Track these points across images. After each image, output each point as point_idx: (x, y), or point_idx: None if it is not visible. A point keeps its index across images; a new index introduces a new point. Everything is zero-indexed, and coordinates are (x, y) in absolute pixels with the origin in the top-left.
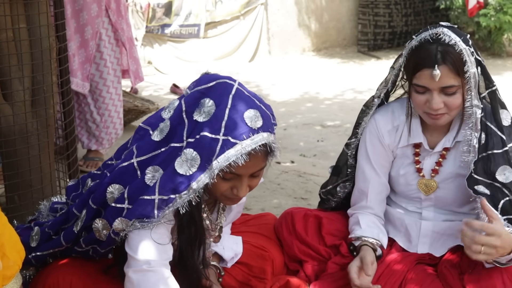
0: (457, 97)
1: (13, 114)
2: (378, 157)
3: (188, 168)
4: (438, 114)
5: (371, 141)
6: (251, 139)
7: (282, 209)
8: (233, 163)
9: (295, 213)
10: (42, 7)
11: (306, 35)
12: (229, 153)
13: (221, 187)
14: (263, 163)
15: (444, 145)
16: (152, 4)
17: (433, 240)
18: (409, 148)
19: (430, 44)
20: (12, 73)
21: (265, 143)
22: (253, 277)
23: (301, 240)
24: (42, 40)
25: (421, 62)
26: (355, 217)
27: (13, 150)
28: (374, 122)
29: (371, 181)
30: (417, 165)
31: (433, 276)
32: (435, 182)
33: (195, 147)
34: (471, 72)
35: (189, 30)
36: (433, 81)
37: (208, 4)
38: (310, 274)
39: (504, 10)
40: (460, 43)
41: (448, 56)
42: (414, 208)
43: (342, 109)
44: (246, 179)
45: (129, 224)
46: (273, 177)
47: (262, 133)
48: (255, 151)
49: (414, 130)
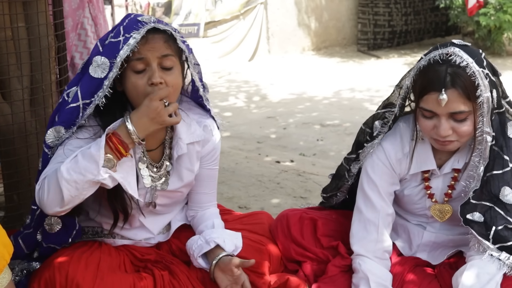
0: (467, 124)
1: (12, 113)
2: (387, 186)
3: (102, 71)
4: (447, 141)
5: (379, 171)
6: (143, 28)
7: (281, 208)
8: (135, 49)
9: (290, 216)
10: (41, 6)
11: (305, 34)
12: (129, 43)
13: (135, 80)
14: (166, 49)
15: (452, 165)
16: (152, 4)
17: (432, 249)
18: (417, 174)
19: (439, 65)
20: (11, 72)
21: (161, 29)
22: (251, 271)
23: (297, 244)
24: (41, 39)
25: (429, 85)
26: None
27: (12, 149)
28: (383, 151)
29: (382, 210)
30: (427, 191)
31: (432, 276)
32: (449, 207)
33: (102, 54)
34: (484, 97)
35: (189, 30)
36: (440, 106)
37: (207, 3)
38: (309, 274)
39: (504, 9)
40: (473, 65)
41: (458, 80)
42: (420, 222)
43: (341, 108)
44: (156, 66)
45: (60, 132)
46: (272, 176)
47: (155, 24)
48: (152, 36)
49: (425, 156)
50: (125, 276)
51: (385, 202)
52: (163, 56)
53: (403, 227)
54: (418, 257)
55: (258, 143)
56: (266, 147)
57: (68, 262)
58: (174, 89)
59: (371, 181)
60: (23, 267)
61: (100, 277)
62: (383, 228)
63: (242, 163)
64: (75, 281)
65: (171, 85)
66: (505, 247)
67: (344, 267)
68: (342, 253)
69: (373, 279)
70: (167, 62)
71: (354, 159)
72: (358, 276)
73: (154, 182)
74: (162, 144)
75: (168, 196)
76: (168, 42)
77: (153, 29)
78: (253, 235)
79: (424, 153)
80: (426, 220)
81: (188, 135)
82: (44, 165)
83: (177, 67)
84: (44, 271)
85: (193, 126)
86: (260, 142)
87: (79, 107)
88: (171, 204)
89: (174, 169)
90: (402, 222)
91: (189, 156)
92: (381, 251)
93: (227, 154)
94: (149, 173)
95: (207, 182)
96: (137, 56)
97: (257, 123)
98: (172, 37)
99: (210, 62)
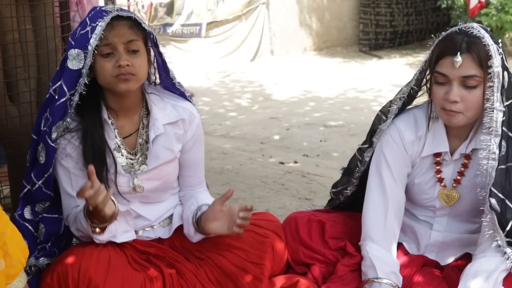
0: (476, 94)
1: (19, 116)
2: (400, 167)
3: (78, 62)
4: (453, 111)
5: (393, 151)
6: (108, 16)
7: (286, 209)
8: (102, 36)
9: (298, 218)
10: (48, 9)
11: (307, 34)
12: (96, 32)
13: (103, 63)
14: (131, 35)
15: (461, 151)
16: (154, 4)
17: (441, 250)
18: (429, 157)
19: (456, 35)
20: (18, 74)
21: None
22: (249, 262)
23: (306, 246)
24: (48, 41)
25: (445, 49)
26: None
27: (19, 151)
28: (396, 130)
29: (392, 194)
30: (438, 175)
31: (440, 278)
32: (457, 193)
33: (75, 46)
34: (495, 69)
35: (191, 30)
36: (454, 69)
37: (209, 3)
38: (318, 276)
39: (506, 9)
40: (489, 39)
41: (474, 46)
42: (426, 217)
43: (344, 109)
44: (123, 50)
45: (60, 127)
46: (277, 178)
47: (119, 12)
48: (117, 23)
49: (439, 137)
50: (135, 273)
51: (396, 183)
52: (129, 42)
53: (410, 228)
54: (425, 255)
55: (262, 144)
56: (270, 148)
57: (81, 258)
58: (141, 70)
59: (383, 159)
60: (31, 264)
61: (112, 272)
62: (392, 209)
63: (246, 164)
64: (87, 275)
65: (136, 66)
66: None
67: (353, 266)
68: (351, 252)
69: (380, 266)
70: (133, 46)
71: (368, 147)
72: (366, 264)
73: (133, 167)
74: (137, 130)
75: (152, 178)
76: (133, 28)
77: (118, 17)
78: (258, 229)
79: (438, 135)
80: (433, 215)
81: (163, 116)
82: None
83: (143, 51)
84: (57, 266)
85: (168, 108)
86: (264, 143)
87: (67, 100)
88: (160, 189)
89: (151, 150)
90: (409, 222)
91: (167, 136)
92: (388, 234)
93: (231, 155)
94: (126, 160)
95: (194, 165)
96: (105, 42)
97: (260, 124)
98: (137, 22)
99: (211, 62)
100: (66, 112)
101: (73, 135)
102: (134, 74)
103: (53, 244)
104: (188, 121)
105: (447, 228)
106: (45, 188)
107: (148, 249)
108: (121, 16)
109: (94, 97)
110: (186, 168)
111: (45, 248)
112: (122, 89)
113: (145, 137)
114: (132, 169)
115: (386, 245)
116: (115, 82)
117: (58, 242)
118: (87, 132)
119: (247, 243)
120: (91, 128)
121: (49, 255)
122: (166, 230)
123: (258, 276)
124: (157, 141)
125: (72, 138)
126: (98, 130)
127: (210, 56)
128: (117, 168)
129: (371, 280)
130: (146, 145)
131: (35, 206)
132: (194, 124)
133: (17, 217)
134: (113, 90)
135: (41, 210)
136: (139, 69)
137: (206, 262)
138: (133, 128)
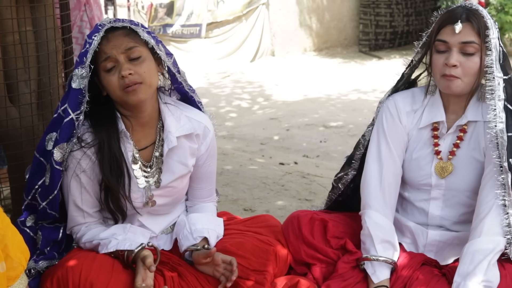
0: (474, 60)
1: (20, 117)
2: (396, 137)
3: (80, 81)
4: (452, 76)
5: (388, 120)
6: (102, 29)
7: (286, 210)
8: (98, 50)
9: (301, 217)
10: (49, 10)
11: (307, 35)
12: (93, 45)
13: (108, 79)
14: (128, 42)
15: (457, 123)
16: (154, 4)
17: (439, 249)
18: (426, 129)
19: (457, 8)
20: (19, 76)
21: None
22: (252, 271)
23: (308, 244)
24: (48, 43)
25: (446, 19)
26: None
27: (20, 152)
28: (393, 101)
29: (387, 161)
30: (435, 147)
31: (439, 276)
32: (451, 165)
33: (77, 65)
34: (493, 40)
35: (191, 30)
36: (454, 35)
37: (210, 4)
38: (318, 277)
39: (506, 10)
40: (487, 14)
41: (473, 16)
42: (422, 201)
43: (344, 110)
44: (124, 60)
45: (64, 148)
46: (277, 178)
47: (113, 23)
48: (112, 34)
49: (435, 109)
50: None
51: (391, 152)
52: (128, 50)
53: (407, 228)
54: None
55: (262, 144)
56: (270, 148)
57: (82, 262)
58: (147, 76)
59: (381, 129)
60: (30, 267)
61: (115, 276)
62: (387, 176)
63: (246, 165)
64: (88, 279)
65: (141, 73)
66: None
67: (353, 262)
68: (351, 249)
69: (377, 235)
70: (133, 53)
71: (370, 125)
72: (364, 234)
73: (148, 181)
74: (153, 143)
75: (165, 194)
76: (129, 36)
77: (113, 28)
78: (260, 236)
79: (435, 106)
80: (427, 197)
81: (177, 128)
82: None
83: (147, 56)
84: (57, 270)
85: (183, 120)
86: (264, 144)
87: (73, 119)
88: (170, 204)
89: (165, 163)
90: (406, 222)
91: (181, 149)
92: (384, 200)
93: (231, 156)
94: (142, 173)
95: (205, 178)
96: (104, 56)
97: (260, 125)
98: (133, 30)
99: (212, 63)
100: (72, 133)
101: (89, 149)
102: (141, 82)
103: (52, 248)
104: (203, 135)
105: (442, 213)
106: (49, 209)
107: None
108: (116, 27)
109: (110, 110)
110: (197, 181)
111: (44, 253)
112: (134, 101)
113: (160, 151)
114: (146, 183)
115: (382, 210)
116: (125, 95)
117: (57, 247)
118: (103, 145)
119: (250, 251)
120: (107, 140)
121: (49, 258)
122: (168, 239)
123: (260, 280)
124: (171, 155)
125: (88, 152)
126: (115, 142)
127: (210, 57)
128: (133, 181)
129: (369, 258)
130: (161, 158)
131: (38, 219)
132: (208, 139)
133: (19, 222)
134: (126, 104)
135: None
136: (145, 75)
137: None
138: (149, 141)
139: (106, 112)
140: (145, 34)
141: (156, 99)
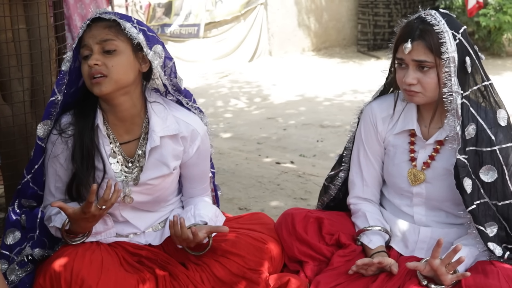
0: (431, 77)
1: (13, 115)
2: (372, 144)
3: (66, 64)
4: (413, 91)
5: (365, 127)
6: (90, 19)
7: (281, 209)
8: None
9: (295, 214)
10: (42, 8)
11: (305, 35)
12: (80, 32)
13: (83, 65)
14: (106, 34)
15: (437, 137)
16: (152, 4)
17: (431, 246)
18: (404, 136)
19: (413, 22)
20: (12, 74)
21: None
22: (248, 269)
23: (301, 241)
24: (41, 41)
25: (401, 36)
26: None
27: (13, 150)
28: (370, 108)
29: (366, 167)
30: (411, 154)
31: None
32: (423, 175)
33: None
34: (450, 55)
35: (189, 30)
36: (407, 53)
37: (208, 4)
38: (310, 275)
39: (504, 10)
40: (444, 26)
41: (425, 34)
42: (406, 207)
43: (341, 110)
44: (97, 50)
45: (48, 125)
46: (272, 178)
47: (100, 14)
48: (94, 25)
49: (409, 117)
50: (128, 274)
51: (367, 156)
52: (103, 41)
53: (397, 226)
54: (416, 256)
55: (258, 144)
56: (266, 148)
57: (73, 258)
58: (115, 71)
59: (359, 134)
60: (27, 253)
61: (105, 273)
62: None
63: (242, 164)
64: (80, 276)
65: (109, 66)
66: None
67: (348, 255)
68: (345, 242)
69: (370, 213)
70: (108, 45)
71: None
72: (357, 215)
73: (126, 176)
74: (137, 139)
75: (144, 192)
76: (110, 28)
77: (98, 19)
78: (254, 233)
79: (409, 114)
80: (410, 203)
81: (162, 128)
82: (35, 156)
83: (125, 52)
84: (49, 266)
85: (169, 120)
86: (260, 143)
87: (55, 100)
88: (151, 202)
89: (147, 161)
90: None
91: (164, 149)
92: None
93: (227, 155)
94: (120, 168)
95: (198, 178)
96: (82, 43)
97: (257, 124)
98: (118, 24)
99: (210, 63)
100: (51, 112)
101: (66, 137)
102: (106, 75)
103: (41, 232)
104: (190, 138)
105: (427, 217)
106: (32, 183)
107: (140, 251)
108: (102, 18)
109: (93, 102)
110: (190, 181)
111: (33, 238)
112: (97, 93)
113: (143, 149)
114: (125, 178)
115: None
116: (90, 85)
117: (44, 232)
118: (77, 135)
119: (244, 249)
120: (81, 131)
121: (42, 246)
122: (158, 235)
123: (255, 279)
124: (154, 154)
125: (65, 140)
126: (88, 134)
127: (208, 57)
128: (108, 174)
129: (365, 228)
130: (144, 156)
131: (21, 200)
132: (197, 141)
133: (11, 211)
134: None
135: (26, 205)
136: (112, 69)
137: (203, 268)
138: (132, 137)
139: (89, 104)
140: (133, 30)
141: (139, 96)
